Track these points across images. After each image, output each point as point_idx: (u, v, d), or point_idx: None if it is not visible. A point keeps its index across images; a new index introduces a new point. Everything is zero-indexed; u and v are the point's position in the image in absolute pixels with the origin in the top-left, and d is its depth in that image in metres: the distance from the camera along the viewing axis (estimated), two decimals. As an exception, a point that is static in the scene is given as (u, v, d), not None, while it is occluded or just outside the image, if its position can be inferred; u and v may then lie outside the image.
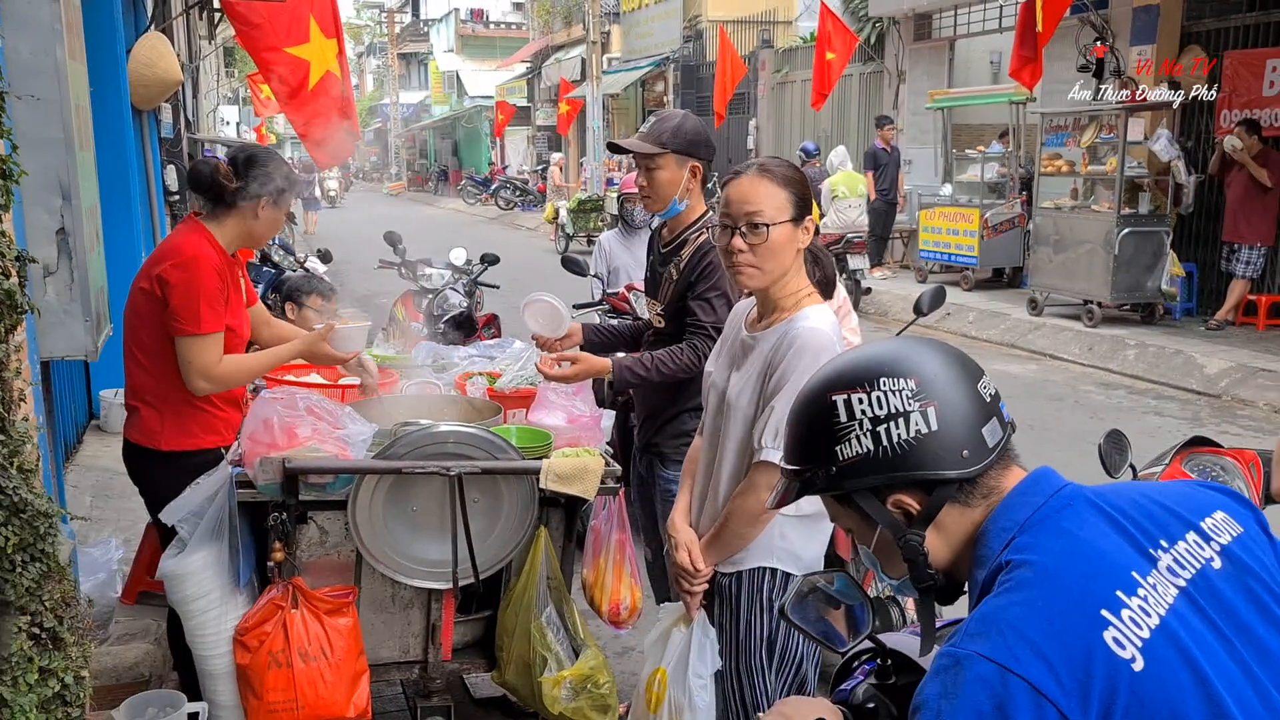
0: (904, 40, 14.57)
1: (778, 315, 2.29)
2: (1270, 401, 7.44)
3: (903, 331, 4.20)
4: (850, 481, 1.28)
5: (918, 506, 1.27)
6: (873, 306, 11.51)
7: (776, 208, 2.21)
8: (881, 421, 1.25)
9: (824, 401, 1.29)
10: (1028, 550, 1.18)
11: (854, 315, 4.26)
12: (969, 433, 1.25)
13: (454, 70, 39.58)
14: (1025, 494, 1.25)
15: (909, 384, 1.26)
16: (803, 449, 1.33)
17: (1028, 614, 1.11)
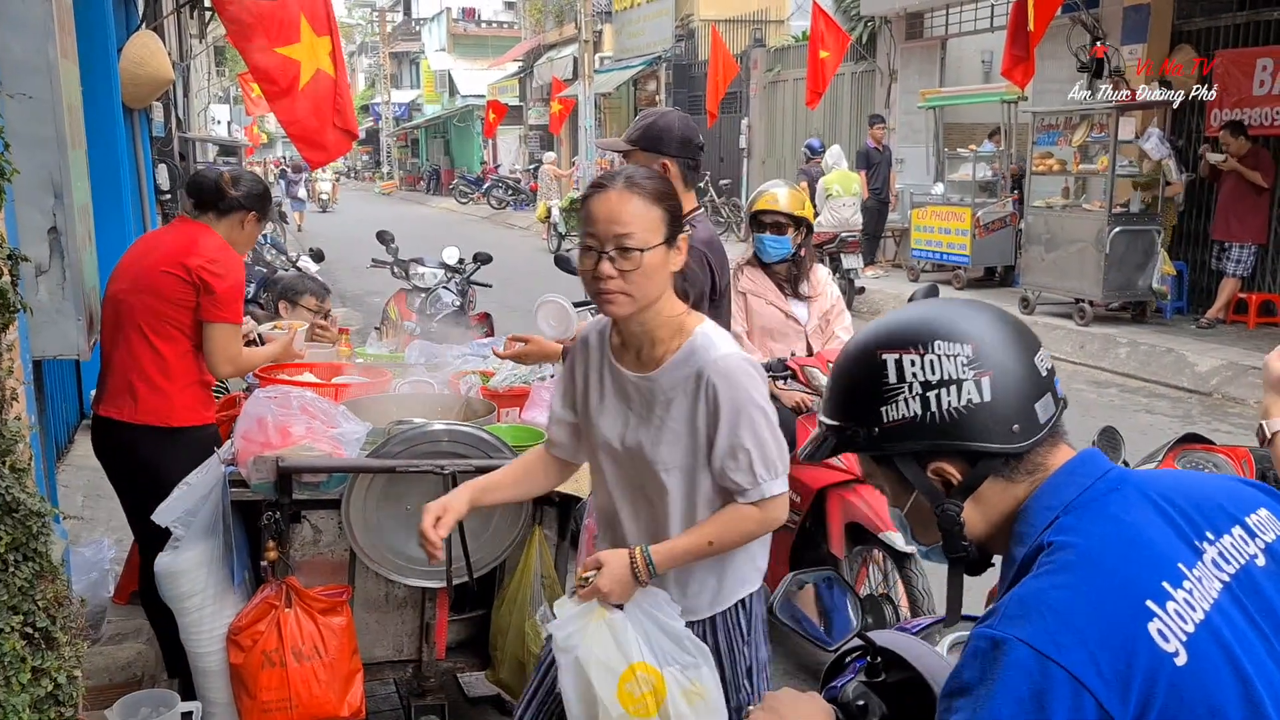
0: (896, 39, 14.59)
1: (663, 348, 2.06)
2: (1261, 399, 7.46)
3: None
4: (892, 444, 1.24)
5: (959, 476, 1.23)
6: (865, 305, 11.53)
7: (648, 229, 1.96)
8: (932, 387, 1.20)
9: (873, 359, 1.23)
10: (1072, 532, 1.14)
11: (847, 314, 4.27)
12: (1021, 406, 1.20)
13: (446, 69, 39.51)
14: (1073, 474, 1.21)
15: (965, 350, 1.20)
16: (845, 405, 1.28)
17: (1070, 600, 1.07)
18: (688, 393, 2.03)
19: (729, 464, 2.04)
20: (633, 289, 1.97)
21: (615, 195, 1.97)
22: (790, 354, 3.96)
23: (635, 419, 2.09)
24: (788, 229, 4.03)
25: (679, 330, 2.06)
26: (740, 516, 2.08)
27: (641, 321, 2.04)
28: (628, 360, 2.10)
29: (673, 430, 2.05)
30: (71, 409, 5.85)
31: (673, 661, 2.03)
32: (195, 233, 3.16)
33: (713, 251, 2.98)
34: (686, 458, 2.07)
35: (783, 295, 4.12)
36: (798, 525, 3.74)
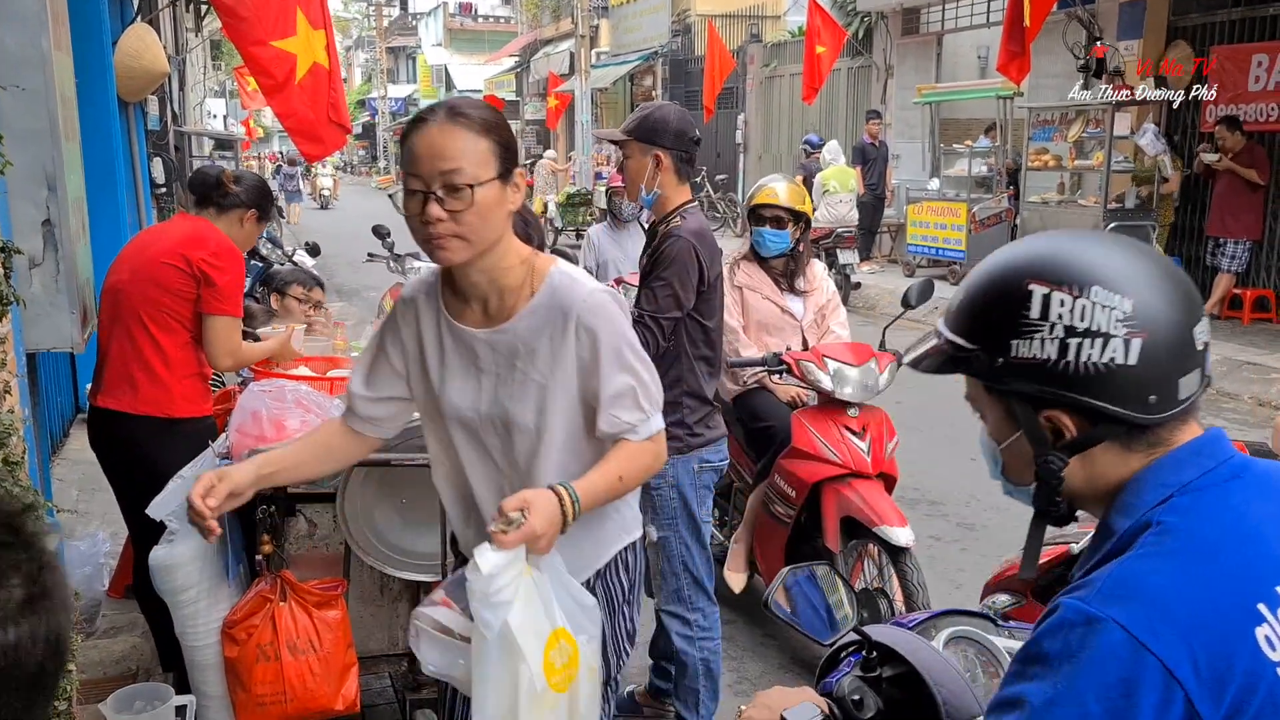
0: (892, 35, 14.59)
1: (514, 296, 1.87)
2: (1255, 395, 7.49)
3: (890, 325, 4.20)
4: (1013, 380, 1.12)
5: (1074, 432, 1.12)
6: (860, 300, 11.53)
7: (478, 163, 1.76)
8: (1076, 334, 1.07)
9: (1019, 286, 1.10)
10: (1186, 515, 1.05)
11: (843, 310, 4.28)
12: (1165, 378, 1.07)
13: (442, 64, 39.45)
14: (1197, 453, 1.10)
15: (1124, 305, 1.06)
16: (973, 325, 1.15)
17: (1175, 588, 1.00)
18: (555, 338, 1.85)
19: (617, 405, 1.88)
20: (466, 231, 1.77)
21: (438, 129, 1.77)
22: (786, 348, 3.96)
23: (491, 380, 1.90)
24: (787, 223, 4.04)
25: (530, 274, 1.88)
26: (639, 450, 1.92)
27: (483, 269, 1.85)
28: (471, 317, 1.91)
29: (538, 384, 1.87)
30: (66, 402, 5.84)
31: (582, 630, 1.78)
32: (196, 227, 3.18)
33: (702, 243, 2.98)
34: (562, 411, 1.89)
35: (779, 290, 4.12)
36: (792, 519, 3.75)
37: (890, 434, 3.78)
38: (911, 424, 5.98)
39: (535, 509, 1.71)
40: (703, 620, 3.15)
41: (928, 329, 1.31)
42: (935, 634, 1.61)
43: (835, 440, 3.67)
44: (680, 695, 3.19)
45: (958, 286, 1.22)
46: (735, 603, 4.09)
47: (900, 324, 4.16)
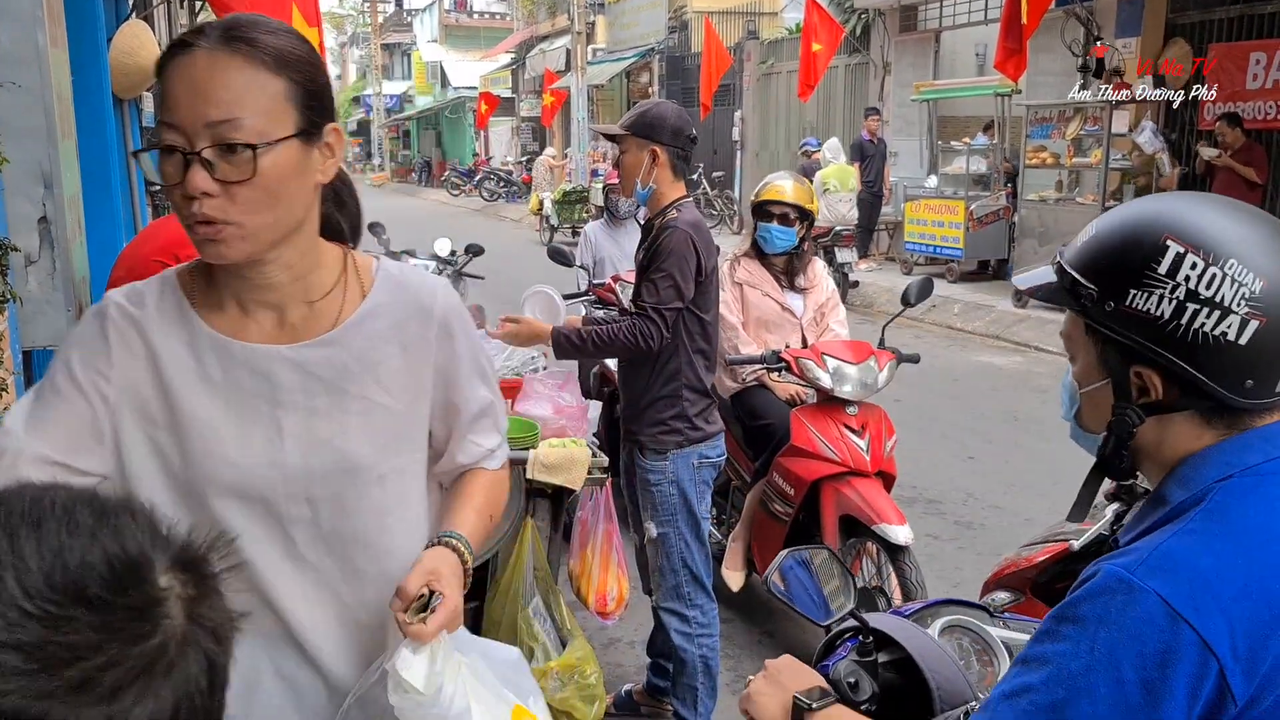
0: (889, 32, 14.59)
1: (337, 297, 1.36)
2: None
3: (889, 324, 4.20)
4: (1118, 328, 1.10)
5: (1160, 394, 1.10)
6: (858, 298, 11.53)
7: (265, 112, 1.20)
8: (1197, 300, 1.05)
9: (1157, 239, 1.07)
10: (1242, 497, 1.05)
11: (842, 308, 4.28)
12: (1269, 367, 1.06)
13: (437, 61, 39.38)
14: (1266, 439, 1.09)
15: (1255, 285, 1.04)
16: (1096, 264, 1.13)
17: (1219, 567, 1.00)
18: (412, 347, 1.39)
19: (477, 428, 1.50)
20: (244, 213, 1.21)
21: (206, 58, 1.19)
22: (785, 346, 3.96)
23: (301, 418, 1.33)
24: (794, 220, 4.04)
25: (350, 267, 1.39)
26: (498, 481, 1.57)
27: (286, 263, 1.30)
28: (256, 331, 1.33)
29: (386, 411, 1.37)
30: (62, 401, 5.82)
31: (529, 693, 1.45)
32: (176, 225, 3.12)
33: (698, 233, 3.00)
34: (419, 446, 1.45)
35: (779, 287, 4.12)
36: (791, 518, 3.75)
37: (889, 432, 3.78)
38: (910, 422, 5.98)
39: (444, 577, 1.31)
40: (701, 617, 3.14)
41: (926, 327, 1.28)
42: (931, 622, 1.63)
43: (834, 438, 3.66)
44: (678, 693, 3.19)
45: (1090, 223, 1.19)
46: (733, 600, 4.08)
47: (899, 322, 4.16)
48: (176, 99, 1.20)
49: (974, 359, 8.89)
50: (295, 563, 1.36)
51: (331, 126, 1.30)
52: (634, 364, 3.12)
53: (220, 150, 1.19)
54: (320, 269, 1.36)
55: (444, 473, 1.53)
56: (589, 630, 3.29)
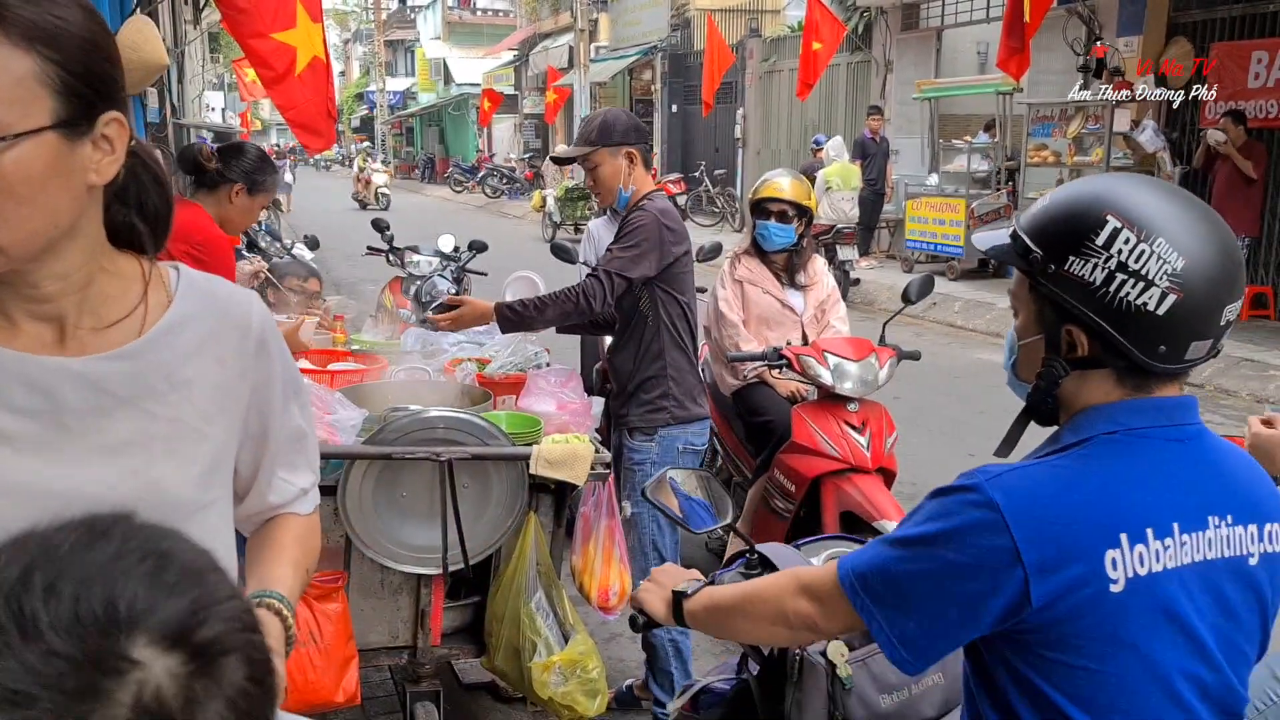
0: (891, 30, 14.58)
1: (131, 307, 1.16)
2: (1253, 391, 7.51)
3: (889, 321, 4.21)
4: (1056, 289, 1.25)
5: (1085, 351, 1.25)
6: (859, 296, 11.53)
7: (8, 96, 0.98)
8: (1126, 271, 1.19)
9: (1099, 213, 1.21)
10: (1113, 449, 1.22)
11: (842, 305, 4.29)
12: (1181, 336, 1.20)
13: (441, 57, 39.36)
14: (1159, 409, 1.25)
15: (1177, 262, 1.18)
16: (1045, 230, 1.27)
17: (1058, 498, 1.19)
18: (229, 362, 1.20)
19: (290, 461, 1.32)
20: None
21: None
22: (786, 343, 3.97)
23: (95, 441, 1.11)
24: (792, 218, 4.05)
25: (149, 274, 1.19)
26: (311, 528, 1.39)
27: (59, 273, 1.09)
28: (26, 341, 1.10)
29: (197, 433, 1.17)
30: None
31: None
32: (183, 218, 3.09)
33: (666, 217, 3.08)
34: (225, 473, 1.24)
35: (780, 284, 4.13)
36: (792, 514, 3.76)
37: (890, 429, 3.79)
38: (911, 419, 5.99)
39: (271, 649, 1.13)
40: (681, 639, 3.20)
41: (927, 325, 1.39)
42: (819, 553, 1.86)
43: (835, 435, 3.68)
44: (656, 679, 3.24)
45: (1045, 196, 1.34)
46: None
47: (900, 320, 4.17)
48: None
49: (974, 356, 8.90)
50: None
51: (110, 117, 1.06)
52: (619, 348, 3.21)
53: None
54: (107, 277, 1.14)
55: (250, 516, 1.33)
56: (591, 625, 3.30)
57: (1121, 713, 1.20)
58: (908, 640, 1.24)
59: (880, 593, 1.25)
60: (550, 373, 3.26)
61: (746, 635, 1.58)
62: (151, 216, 1.20)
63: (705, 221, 17.52)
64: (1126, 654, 1.18)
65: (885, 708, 1.66)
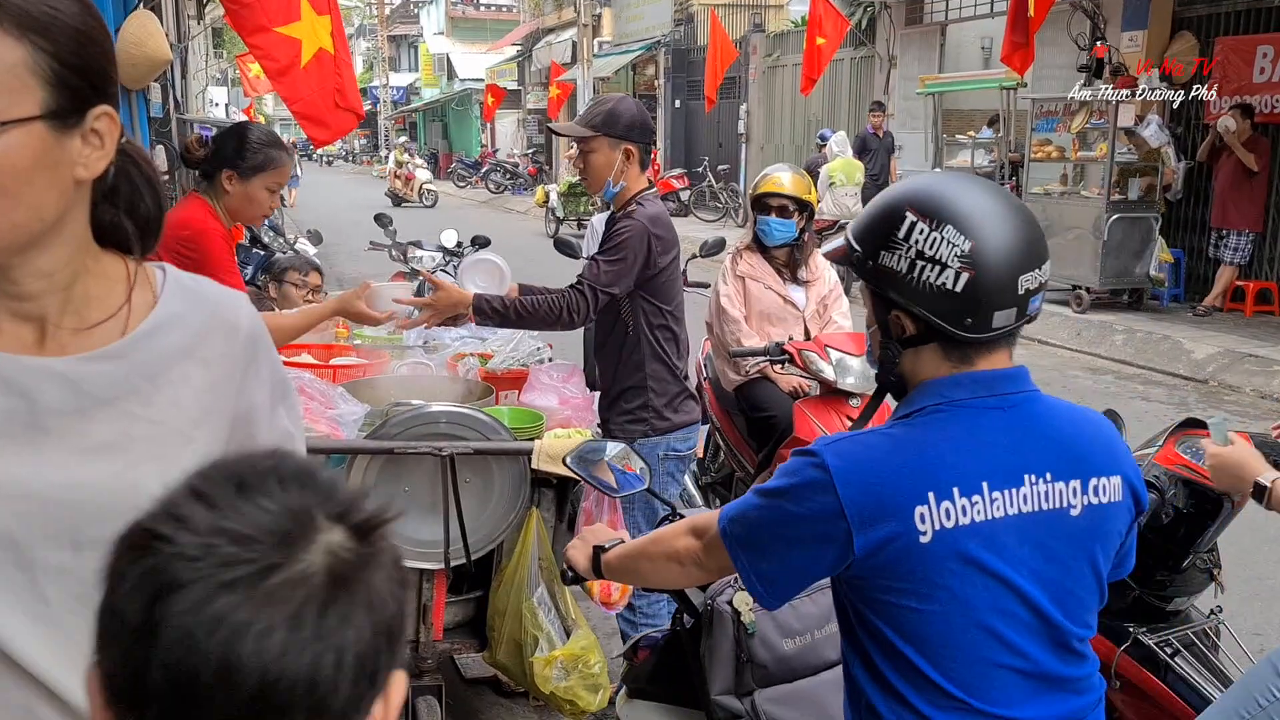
0: (895, 25, 14.55)
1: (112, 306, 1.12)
2: (1257, 387, 7.49)
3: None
4: (875, 280, 1.42)
5: (910, 331, 1.41)
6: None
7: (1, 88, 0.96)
8: (924, 258, 1.35)
9: (899, 211, 1.39)
10: (936, 418, 1.39)
11: (845, 299, 4.28)
12: (982, 308, 1.36)
13: (444, 53, 39.35)
14: (977, 382, 1.40)
15: (964, 244, 1.34)
16: (863, 232, 1.45)
17: (882, 460, 1.36)
18: (210, 364, 1.16)
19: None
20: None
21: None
22: (788, 338, 3.97)
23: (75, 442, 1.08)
24: (793, 212, 4.04)
25: (134, 273, 1.16)
26: None
27: (43, 270, 1.06)
28: (9, 341, 1.08)
29: (182, 436, 1.14)
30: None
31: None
32: (179, 212, 2.99)
33: (655, 226, 3.00)
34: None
35: (781, 280, 4.13)
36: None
37: (892, 424, 3.78)
38: (913, 415, 5.98)
39: None
40: (647, 607, 3.19)
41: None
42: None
43: (837, 430, 3.67)
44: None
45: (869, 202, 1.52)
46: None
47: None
48: None
49: (978, 353, 8.88)
50: (48, 627, 1.06)
51: (101, 111, 1.03)
52: (602, 356, 3.17)
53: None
54: (91, 277, 1.11)
55: None
56: (593, 620, 3.30)
57: (947, 647, 1.35)
58: (764, 578, 1.44)
59: (741, 536, 1.45)
60: (552, 368, 3.26)
61: (651, 577, 1.75)
62: (142, 218, 1.16)
63: (708, 217, 17.50)
64: (942, 596, 1.34)
65: (788, 650, 1.86)
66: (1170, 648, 2.35)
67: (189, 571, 0.65)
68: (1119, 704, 2.35)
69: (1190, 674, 2.30)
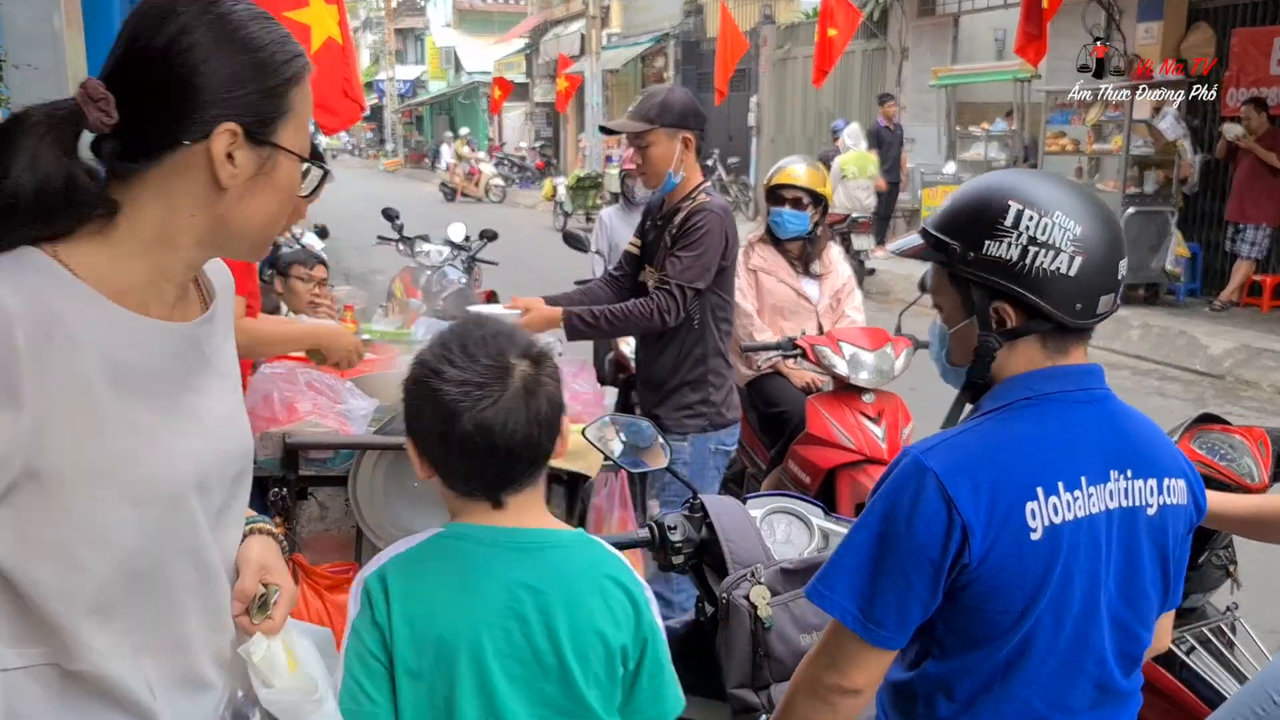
0: (907, 16, 14.46)
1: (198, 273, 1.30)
2: (1274, 382, 7.42)
3: (905, 310, 4.15)
4: (979, 271, 1.40)
5: (1015, 322, 1.40)
6: (875, 286, 11.46)
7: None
8: (1037, 244, 1.36)
9: (1002, 201, 1.39)
10: (1026, 412, 1.39)
11: (858, 293, 4.24)
12: (1092, 293, 1.37)
13: (451, 45, 39.31)
14: (1066, 375, 1.41)
15: (1075, 229, 1.36)
16: (957, 223, 1.44)
17: (986, 458, 1.35)
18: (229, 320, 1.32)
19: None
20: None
21: None
22: (801, 333, 3.92)
23: (208, 398, 1.23)
24: (807, 205, 4.00)
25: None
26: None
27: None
28: (161, 308, 1.18)
29: (237, 382, 1.33)
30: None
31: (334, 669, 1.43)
32: None
33: (729, 219, 3.03)
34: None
35: (794, 273, 4.08)
36: (808, 506, 3.72)
37: (905, 420, 3.74)
38: (926, 410, 5.92)
39: (274, 568, 1.33)
40: (686, 602, 3.15)
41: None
42: (761, 508, 2.14)
43: (850, 426, 3.63)
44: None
45: (946, 198, 1.53)
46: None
47: (916, 309, 4.11)
48: None
49: (990, 347, 8.83)
50: (201, 574, 1.21)
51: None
52: (658, 347, 3.12)
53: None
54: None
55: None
56: (603, 617, 3.28)
57: (1037, 652, 1.35)
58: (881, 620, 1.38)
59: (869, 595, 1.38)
60: (563, 363, 3.21)
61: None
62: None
63: (718, 210, 17.42)
64: (1046, 594, 1.33)
65: (805, 645, 1.83)
66: (1185, 644, 2.34)
67: (456, 401, 1.34)
68: (1136, 702, 2.32)
69: (1205, 670, 2.30)
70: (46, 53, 2.97)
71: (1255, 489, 2.32)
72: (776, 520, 2.17)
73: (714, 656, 1.91)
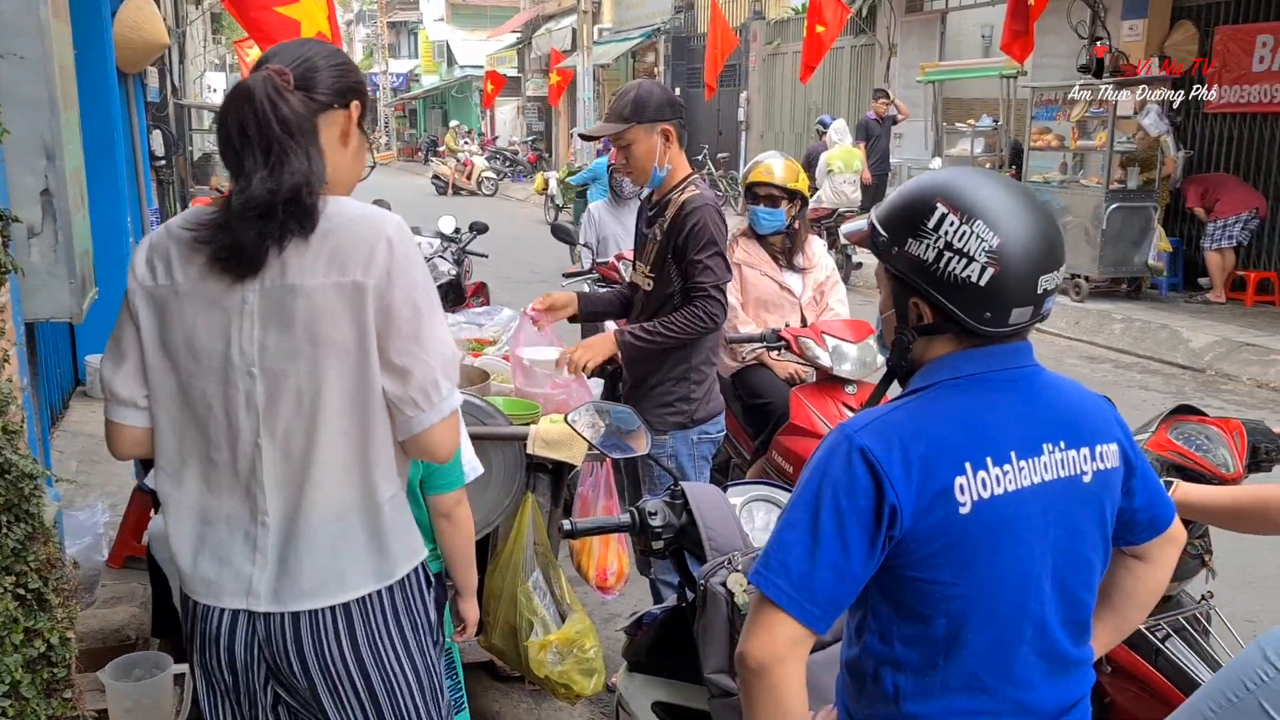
0: (895, 13, 14.50)
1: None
2: (1254, 376, 7.50)
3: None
4: (899, 266, 1.44)
5: (929, 319, 1.44)
6: (861, 279, 11.51)
7: None
8: (952, 249, 1.38)
9: (931, 200, 1.41)
10: (953, 391, 1.42)
11: (842, 286, 4.28)
12: (1002, 305, 1.39)
13: (444, 39, 39.18)
14: (990, 355, 1.44)
15: (993, 240, 1.37)
16: (890, 217, 1.47)
17: (915, 433, 1.38)
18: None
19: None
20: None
21: None
22: (785, 325, 3.96)
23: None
24: (781, 201, 4.03)
25: None
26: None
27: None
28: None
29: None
30: (66, 374, 5.84)
31: None
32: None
33: (718, 209, 3.03)
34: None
35: (777, 267, 4.12)
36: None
37: (888, 411, 3.78)
38: (910, 403, 5.98)
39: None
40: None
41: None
42: (741, 496, 2.19)
43: (833, 417, 3.67)
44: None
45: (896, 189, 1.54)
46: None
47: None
48: None
49: (976, 341, 8.89)
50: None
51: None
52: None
53: None
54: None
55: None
56: (589, 605, 3.31)
57: (977, 623, 1.38)
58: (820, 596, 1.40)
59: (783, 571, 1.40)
60: (551, 355, 3.25)
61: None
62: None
63: (707, 205, 17.40)
64: (978, 568, 1.36)
65: None
66: (1161, 632, 2.36)
67: None
68: (1109, 687, 2.35)
69: (1180, 658, 2.31)
70: (32, 42, 2.97)
71: (1230, 479, 2.34)
72: (756, 508, 2.22)
73: (693, 641, 1.94)
